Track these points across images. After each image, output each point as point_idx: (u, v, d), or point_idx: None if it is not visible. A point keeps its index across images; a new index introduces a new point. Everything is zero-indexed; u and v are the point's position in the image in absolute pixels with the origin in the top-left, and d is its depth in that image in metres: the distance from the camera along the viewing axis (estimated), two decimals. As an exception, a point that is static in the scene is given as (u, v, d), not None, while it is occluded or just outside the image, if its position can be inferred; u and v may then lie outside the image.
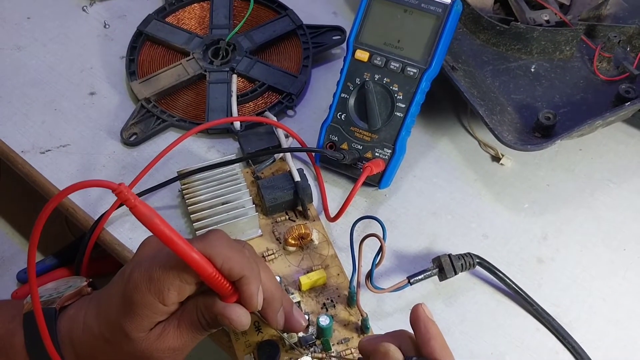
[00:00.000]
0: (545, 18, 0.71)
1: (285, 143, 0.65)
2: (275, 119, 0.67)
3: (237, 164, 0.63)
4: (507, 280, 0.57)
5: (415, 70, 0.60)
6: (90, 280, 0.55)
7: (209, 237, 0.45)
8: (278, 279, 0.56)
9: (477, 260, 0.57)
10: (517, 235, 0.62)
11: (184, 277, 0.44)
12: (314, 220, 0.62)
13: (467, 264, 0.57)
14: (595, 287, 0.59)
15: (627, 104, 0.62)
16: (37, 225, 0.39)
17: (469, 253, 0.57)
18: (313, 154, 0.65)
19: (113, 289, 0.48)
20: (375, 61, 0.61)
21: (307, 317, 0.54)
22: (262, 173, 0.64)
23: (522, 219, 0.63)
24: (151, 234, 0.42)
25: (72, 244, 0.87)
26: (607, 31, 0.70)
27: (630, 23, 0.70)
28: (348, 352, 0.54)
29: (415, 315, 0.45)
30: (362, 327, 0.55)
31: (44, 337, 0.45)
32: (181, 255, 0.42)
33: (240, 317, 0.45)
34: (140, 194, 0.63)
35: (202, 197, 0.61)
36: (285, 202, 0.61)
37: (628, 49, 0.69)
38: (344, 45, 0.74)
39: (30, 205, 0.87)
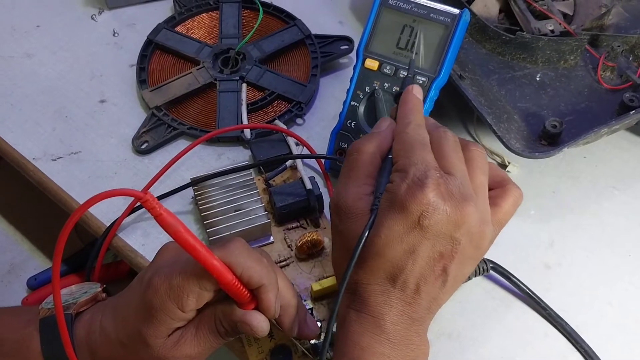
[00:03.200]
0: (550, 28, 0.72)
1: (296, 151, 0.66)
2: (285, 127, 0.68)
3: (251, 171, 0.64)
4: (521, 284, 0.58)
5: (424, 79, 0.61)
6: (105, 286, 0.55)
7: (229, 246, 0.45)
8: (290, 285, 0.57)
9: (491, 265, 0.58)
10: (524, 242, 0.63)
11: (203, 284, 0.45)
12: (325, 228, 0.62)
13: (481, 269, 0.57)
14: (602, 292, 0.60)
15: (631, 112, 0.63)
16: (62, 235, 0.39)
17: (483, 258, 0.58)
18: (322, 161, 0.66)
19: (131, 294, 0.48)
20: (384, 70, 0.62)
21: (319, 324, 0.54)
22: (274, 180, 0.65)
23: (529, 226, 0.64)
24: (169, 239, 0.43)
25: (82, 250, 0.87)
26: (611, 41, 0.71)
27: (633, 33, 0.71)
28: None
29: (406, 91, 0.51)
30: (374, 334, 0.55)
31: (66, 344, 0.45)
32: (203, 263, 0.42)
33: (261, 323, 0.46)
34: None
35: (215, 203, 0.61)
36: (297, 209, 0.61)
37: (631, 58, 0.70)
38: (352, 54, 0.75)
39: (40, 212, 0.87)
